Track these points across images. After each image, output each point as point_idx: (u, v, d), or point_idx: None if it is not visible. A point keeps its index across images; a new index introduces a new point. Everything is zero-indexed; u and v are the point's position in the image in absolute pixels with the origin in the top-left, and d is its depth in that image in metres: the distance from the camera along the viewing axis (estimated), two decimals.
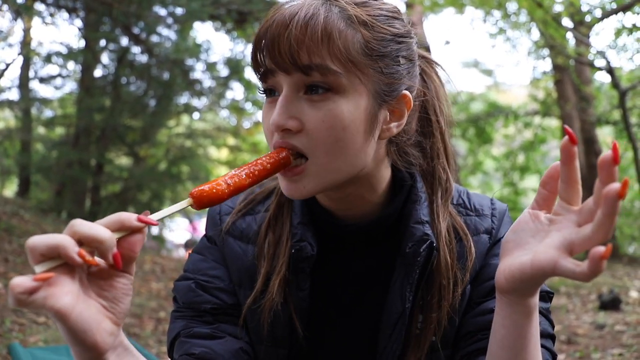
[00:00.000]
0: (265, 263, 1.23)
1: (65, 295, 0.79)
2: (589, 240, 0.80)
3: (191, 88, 13.64)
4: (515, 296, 0.93)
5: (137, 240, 0.86)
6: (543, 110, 15.31)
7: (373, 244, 1.25)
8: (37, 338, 5.24)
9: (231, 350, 1.17)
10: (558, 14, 10.27)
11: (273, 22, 1.07)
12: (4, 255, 7.76)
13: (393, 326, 1.17)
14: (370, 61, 1.09)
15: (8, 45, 13.71)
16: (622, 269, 10.77)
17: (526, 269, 0.87)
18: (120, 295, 0.87)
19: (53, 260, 0.78)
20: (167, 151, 15.01)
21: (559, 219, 0.88)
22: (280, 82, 1.10)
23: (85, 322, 0.81)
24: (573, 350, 5.25)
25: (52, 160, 13.14)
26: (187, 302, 1.23)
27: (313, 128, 1.06)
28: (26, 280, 0.76)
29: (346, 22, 1.07)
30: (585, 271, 0.78)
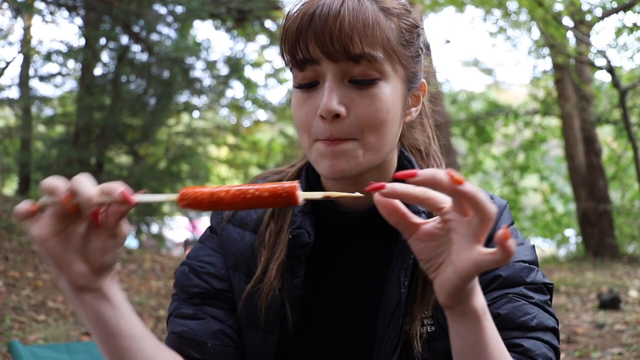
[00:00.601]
0: (265, 251, 1.28)
1: (43, 228, 0.97)
2: (482, 223, 0.87)
3: (191, 86, 13.63)
4: (462, 306, 0.94)
5: (118, 210, 0.97)
6: (543, 109, 15.32)
7: (371, 233, 1.26)
8: (37, 336, 5.25)
9: (209, 330, 1.24)
10: (558, 13, 10.27)
11: (316, 11, 1.10)
12: (4, 253, 7.76)
13: (391, 315, 1.17)
14: (404, 50, 1.15)
15: (8, 43, 13.72)
16: (622, 268, 10.78)
17: (455, 281, 0.90)
18: (100, 249, 1.00)
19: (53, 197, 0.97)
20: (167, 150, 15.01)
21: (449, 223, 0.91)
22: (322, 71, 1.12)
23: (55, 255, 0.98)
24: (572, 350, 5.26)
25: (52, 159, 13.13)
26: (181, 285, 1.30)
27: (360, 112, 1.11)
28: (25, 205, 0.99)
29: (384, 12, 1.13)
30: (501, 256, 0.85)
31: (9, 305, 5.96)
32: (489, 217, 0.86)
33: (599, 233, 12.78)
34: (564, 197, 17.21)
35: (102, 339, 1.06)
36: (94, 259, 1.00)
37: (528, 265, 1.20)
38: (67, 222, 0.99)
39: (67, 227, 0.99)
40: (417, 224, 0.95)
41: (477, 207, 0.85)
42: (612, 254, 12.45)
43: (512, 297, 1.15)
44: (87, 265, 1.00)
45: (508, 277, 1.17)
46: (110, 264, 1.03)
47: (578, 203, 13.35)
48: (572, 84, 13.35)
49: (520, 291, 1.16)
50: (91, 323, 1.05)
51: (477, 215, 0.86)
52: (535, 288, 1.18)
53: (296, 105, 1.18)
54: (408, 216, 0.95)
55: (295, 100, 1.18)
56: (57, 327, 5.71)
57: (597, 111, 13.64)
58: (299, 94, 1.17)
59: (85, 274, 1.00)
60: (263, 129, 19.25)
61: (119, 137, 13.42)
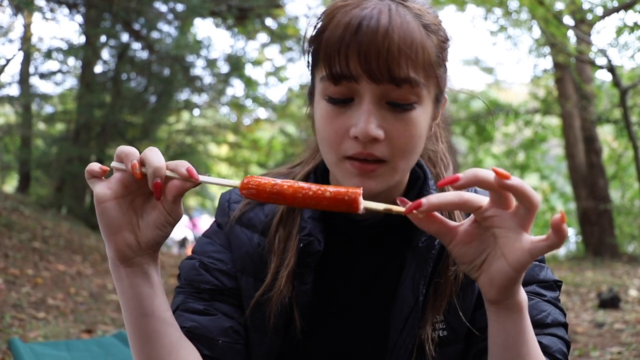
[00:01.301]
0: (275, 258, 1.25)
1: (107, 189, 1.04)
2: (530, 212, 0.90)
3: (191, 84, 13.65)
4: (510, 299, 0.96)
5: (180, 184, 1.04)
6: (543, 108, 15.32)
7: (382, 239, 1.25)
8: (36, 333, 5.25)
9: (220, 327, 1.22)
10: (559, 12, 10.26)
11: (362, 22, 1.03)
12: (4, 250, 7.76)
13: (405, 321, 1.17)
14: (439, 69, 1.11)
15: (8, 40, 13.70)
16: (622, 267, 10.78)
17: (510, 273, 0.91)
18: (152, 224, 1.06)
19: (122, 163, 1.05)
20: (167, 147, 15.03)
21: (490, 220, 0.94)
22: (359, 90, 1.07)
23: (110, 217, 1.04)
24: (572, 348, 5.25)
25: (52, 156, 13.15)
26: (189, 279, 1.28)
27: (396, 137, 1.07)
28: (95, 165, 1.06)
29: (425, 30, 1.07)
30: (555, 240, 0.88)
31: (8, 303, 5.97)
32: (535, 206, 0.89)
33: (599, 232, 12.78)
34: (564, 196, 17.22)
35: (133, 316, 1.09)
36: (144, 233, 1.06)
37: (538, 263, 1.21)
38: (129, 190, 1.06)
39: (128, 195, 1.06)
40: (455, 228, 0.97)
41: (525, 198, 0.88)
42: (612, 253, 12.46)
43: (527, 296, 1.11)
44: (135, 237, 1.06)
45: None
46: (158, 242, 1.07)
47: (578, 202, 13.35)
48: (573, 83, 13.34)
49: (534, 289, 1.18)
50: (126, 299, 1.09)
51: (523, 206, 0.90)
52: (546, 285, 1.20)
53: (325, 119, 1.12)
54: (446, 222, 0.97)
55: (324, 114, 1.12)
56: (57, 324, 5.71)
57: (598, 110, 13.63)
58: (328, 107, 1.11)
59: (132, 245, 1.06)
60: (263, 127, 19.25)
61: (119, 134, 13.42)
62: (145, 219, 1.07)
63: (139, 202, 1.08)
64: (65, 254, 8.81)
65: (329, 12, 1.09)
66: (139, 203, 1.08)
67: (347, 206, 0.97)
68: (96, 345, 2.94)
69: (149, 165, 1.02)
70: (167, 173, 1.03)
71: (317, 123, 1.15)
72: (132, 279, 1.07)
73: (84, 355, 2.78)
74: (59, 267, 7.97)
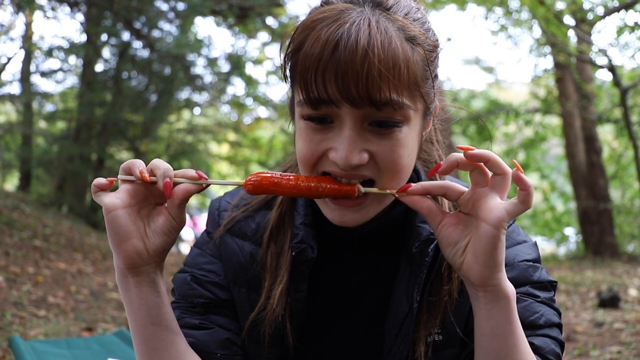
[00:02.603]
0: (268, 276, 1.24)
1: (115, 199, 1.06)
2: (503, 178, 0.99)
3: (192, 83, 13.64)
4: (495, 279, 1.00)
5: (187, 187, 1.07)
6: (544, 108, 15.31)
7: (376, 243, 1.24)
8: (37, 331, 5.26)
9: (217, 340, 1.22)
10: (560, 12, 10.26)
11: (339, 42, 0.97)
12: (5, 248, 7.77)
13: (399, 326, 1.16)
14: (426, 83, 1.07)
15: (9, 39, 13.71)
16: (622, 267, 10.78)
17: (489, 232, 0.97)
18: (159, 230, 1.09)
19: (129, 175, 1.10)
20: (168, 146, 15.03)
21: (471, 201, 1.02)
22: (340, 114, 1.03)
23: (119, 225, 1.05)
24: (572, 348, 5.26)
25: (53, 155, 13.15)
26: (183, 294, 1.28)
27: (382, 159, 1.05)
28: (102, 179, 1.09)
29: (409, 44, 1.03)
30: (523, 194, 0.97)
31: (9, 301, 5.98)
32: (505, 171, 0.98)
33: (599, 232, 12.77)
34: (564, 196, 17.21)
35: (140, 325, 1.10)
36: (151, 240, 1.08)
37: (532, 264, 1.21)
38: (137, 199, 1.09)
39: (136, 204, 1.09)
40: (445, 212, 1.05)
41: (493, 164, 0.98)
42: (612, 253, 12.45)
43: (520, 297, 1.15)
44: (144, 244, 1.07)
45: (514, 277, 1.16)
46: (165, 248, 1.10)
47: (578, 202, 13.35)
48: (573, 83, 13.34)
49: (527, 290, 1.18)
50: (134, 308, 1.10)
51: (495, 173, 0.99)
52: (540, 286, 1.20)
53: (303, 139, 1.09)
54: (437, 204, 1.04)
55: (302, 134, 1.09)
56: (58, 322, 5.72)
57: (598, 110, 13.63)
58: (307, 128, 1.08)
59: (142, 252, 1.07)
60: (264, 126, 19.23)
61: (120, 133, 13.43)
62: (152, 227, 1.09)
63: (145, 212, 1.11)
64: (66, 252, 8.81)
65: (306, 25, 1.03)
66: (146, 212, 1.11)
67: (342, 195, 1.07)
68: (97, 343, 2.94)
69: (158, 168, 1.07)
70: (175, 179, 1.07)
71: (296, 141, 1.13)
72: (140, 288, 1.09)
73: (85, 353, 2.79)
74: (59, 265, 7.98)
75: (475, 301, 1.04)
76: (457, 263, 1.02)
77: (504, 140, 17.74)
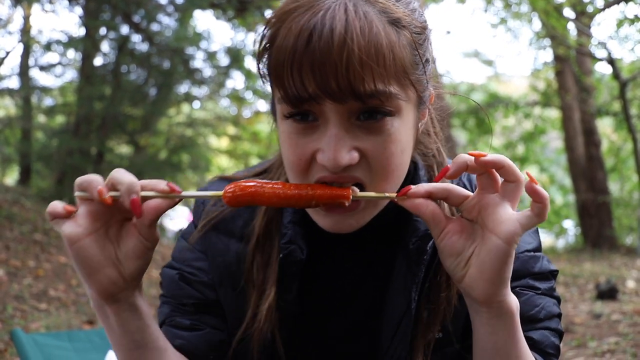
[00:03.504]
0: (254, 291, 1.16)
1: (77, 227, 0.92)
2: (517, 186, 0.89)
3: (191, 77, 13.61)
4: (501, 296, 0.92)
5: (158, 204, 0.93)
6: (543, 100, 15.31)
7: (369, 238, 1.15)
8: (38, 324, 5.29)
9: (209, 342, 1.16)
10: (560, 4, 10.25)
11: (313, 31, 0.87)
12: (6, 242, 7.79)
13: (396, 326, 1.10)
14: (416, 68, 0.97)
15: (8, 33, 13.69)
16: (620, 259, 10.82)
17: (500, 247, 0.88)
18: (131, 254, 0.96)
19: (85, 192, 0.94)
20: (168, 140, 15.00)
21: (477, 208, 0.93)
22: (324, 110, 0.93)
23: (87, 257, 0.93)
24: (570, 339, 5.29)
25: (52, 149, 13.13)
26: (171, 295, 1.20)
27: (374, 157, 0.95)
28: (58, 206, 0.94)
29: (394, 28, 0.92)
30: (539, 206, 0.87)
31: (10, 294, 6.00)
32: (519, 179, 0.89)
33: (597, 224, 12.81)
34: (563, 189, 17.24)
35: (126, 350, 1.02)
36: (126, 266, 0.96)
37: (533, 254, 1.15)
38: (101, 221, 0.94)
39: (101, 228, 0.95)
40: (449, 218, 0.95)
41: (507, 172, 0.89)
42: (611, 245, 12.49)
43: (519, 292, 1.10)
44: (118, 271, 0.95)
45: (515, 269, 1.07)
46: (140, 272, 0.98)
47: (577, 194, 13.37)
48: (573, 76, 13.34)
49: (527, 283, 1.12)
50: (115, 334, 1.01)
51: (508, 180, 0.90)
52: (541, 277, 1.14)
53: (287, 142, 0.99)
54: (441, 210, 0.94)
55: (286, 137, 0.99)
56: (59, 315, 5.75)
57: (597, 103, 13.63)
58: (290, 129, 0.98)
59: (117, 280, 0.95)
60: (263, 120, 19.21)
61: (119, 127, 13.41)
62: (123, 250, 0.96)
63: (113, 232, 0.97)
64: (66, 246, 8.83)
65: (277, 17, 0.94)
66: (114, 233, 0.97)
67: (333, 204, 0.96)
68: (97, 336, 2.95)
69: (121, 183, 0.91)
70: (143, 194, 0.93)
71: (281, 144, 1.03)
72: (119, 315, 0.99)
73: (86, 346, 2.80)
74: (60, 259, 8.00)
75: (477, 316, 0.96)
76: (458, 275, 0.94)
77: (503, 133, 17.75)
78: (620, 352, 4.75)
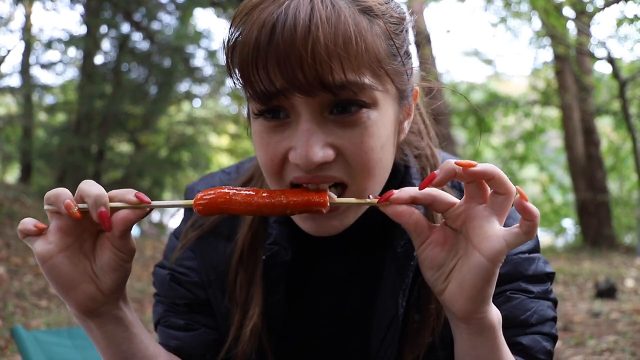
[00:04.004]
0: (237, 309, 1.12)
1: (48, 244, 0.88)
2: (506, 198, 0.83)
3: (192, 75, 13.64)
4: (481, 312, 0.87)
5: (127, 215, 0.88)
6: (543, 100, 15.30)
7: (358, 239, 1.12)
8: (39, 321, 5.30)
9: (204, 342, 1.15)
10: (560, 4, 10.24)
11: (276, 23, 0.83)
12: (6, 239, 7.81)
13: (386, 328, 1.07)
14: (394, 61, 0.93)
15: (9, 31, 13.70)
16: (619, 258, 10.82)
17: (483, 264, 0.82)
18: (108, 268, 0.92)
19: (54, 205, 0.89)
20: (168, 138, 15.03)
21: (462, 217, 0.86)
22: (295, 105, 0.88)
23: (62, 275, 0.89)
24: (569, 337, 5.30)
25: (53, 147, 13.18)
26: (164, 295, 1.19)
27: (351, 153, 0.90)
28: (29, 223, 0.89)
29: (366, 16, 0.88)
30: (528, 224, 0.81)
31: (11, 291, 6.02)
32: (510, 191, 0.82)
33: (597, 223, 12.81)
34: (562, 188, 17.23)
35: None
36: (103, 280, 0.92)
37: (528, 256, 1.09)
38: (74, 236, 0.91)
39: (74, 243, 0.91)
40: (433, 227, 0.89)
41: (498, 183, 0.82)
42: (610, 244, 12.49)
43: (510, 295, 1.06)
44: (96, 286, 0.92)
45: (507, 272, 1.06)
46: (120, 285, 0.94)
47: (577, 193, 13.37)
48: (572, 75, 13.32)
49: (519, 286, 1.07)
50: (101, 346, 0.98)
51: (498, 192, 0.83)
52: (535, 280, 1.09)
53: (259, 142, 0.94)
54: (425, 219, 0.88)
55: (257, 137, 0.95)
56: (59, 312, 5.76)
57: (597, 102, 13.63)
58: (262, 127, 0.93)
59: (95, 296, 0.92)
60: None
61: (120, 125, 13.45)
62: (98, 264, 0.92)
63: (88, 245, 0.93)
64: None
65: (242, 13, 0.90)
66: (88, 247, 0.93)
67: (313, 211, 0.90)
68: None
69: (88, 195, 0.87)
70: (112, 204, 0.88)
71: (254, 146, 0.98)
72: (104, 328, 0.95)
73: (86, 343, 2.81)
74: None
75: (457, 330, 0.92)
76: (438, 288, 0.89)
77: (503, 132, 17.74)
78: (619, 350, 4.76)
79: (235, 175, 1.25)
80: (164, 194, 15.14)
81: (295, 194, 0.89)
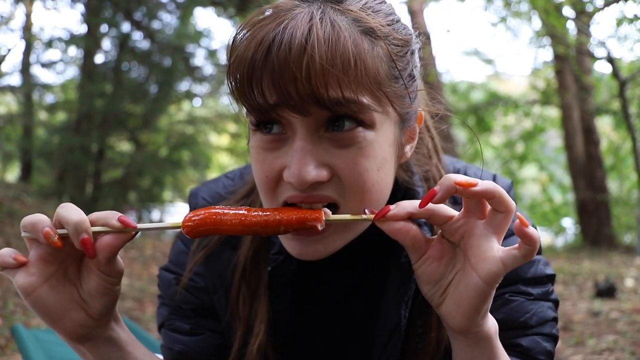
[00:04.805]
0: (240, 324, 1.12)
1: (30, 276, 0.85)
2: (506, 216, 0.82)
3: (192, 74, 13.65)
4: (477, 327, 0.87)
5: (112, 241, 0.85)
6: (543, 99, 15.31)
7: (362, 249, 1.11)
8: (39, 320, 5.29)
9: (209, 347, 1.15)
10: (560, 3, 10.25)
11: (273, 42, 0.82)
12: (7, 238, 7.82)
13: (389, 335, 1.07)
14: (394, 82, 0.91)
15: (10, 30, 13.71)
16: (619, 257, 10.83)
17: (479, 286, 0.82)
18: (95, 293, 0.89)
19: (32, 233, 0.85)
20: (168, 137, 15.03)
21: (460, 231, 0.85)
22: (291, 122, 0.87)
23: (47, 306, 0.86)
24: (569, 337, 5.30)
25: (53, 146, 13.18)
26: (169, 299, 1.19)
27: (346, 175, 0.88)
28: (7, 256, 0.85)
29: (367, 37, 0.87)
30: (527, 248, 0.80)
31: (11, 290, 6.02)
32: (511, 209, 0.81)
33: (596, 223, 12.81)
34: (562, 187, 17.24)
35: None
36: (92, 305, 0.90)
37: None
38: (56, 263, 0.88)
39: (57, 271, 0.88)
40: (430, 242, 0.88)
41: (499, 201, 0.81)
42: (609, 244, 12.49)
43: (509, 298, 1.06)
44: (85, 312, 0.90)
45: (505, 276, 0.97)
46: (109, 308, 0.92)
47: (576, 193, 13.37)
48: (572, 75, 13.33)
49: (518, 289, 1.07)
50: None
51: (498, 211, 0.82)
52: (534, 282, 1.08)
53: (256, 158, 0.93)
54: (423, 234, 0.87)
55: (254, 152, 0.94)
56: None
57: (597, 102, 13.63)
58: (259, 142, 0.92)
59: (85, 322, 0.90)
60: None
61: (120, 124, 13.45)
62: (85, 289, 0.89)
63: (72, 272, 0.90)
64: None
65: (244, 28, 0.90)
66: (73, 272, 0.90)
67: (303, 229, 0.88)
68: None
69: (67, 222, 0.83)
70: (94, 229, 0.84)
71: (251, 160, 0.96)
72: (96, 351, 0.94)
73: None
74: None
75: (454, 341, 0.92)
76: (435, 302, 0.89)
77: (503, 131, 17.75)
78: (619, 350, 4.77)
79: (239, 181, 1.24)
80: (164, 193, 15.16)
81: (289, 211, 0.87)
